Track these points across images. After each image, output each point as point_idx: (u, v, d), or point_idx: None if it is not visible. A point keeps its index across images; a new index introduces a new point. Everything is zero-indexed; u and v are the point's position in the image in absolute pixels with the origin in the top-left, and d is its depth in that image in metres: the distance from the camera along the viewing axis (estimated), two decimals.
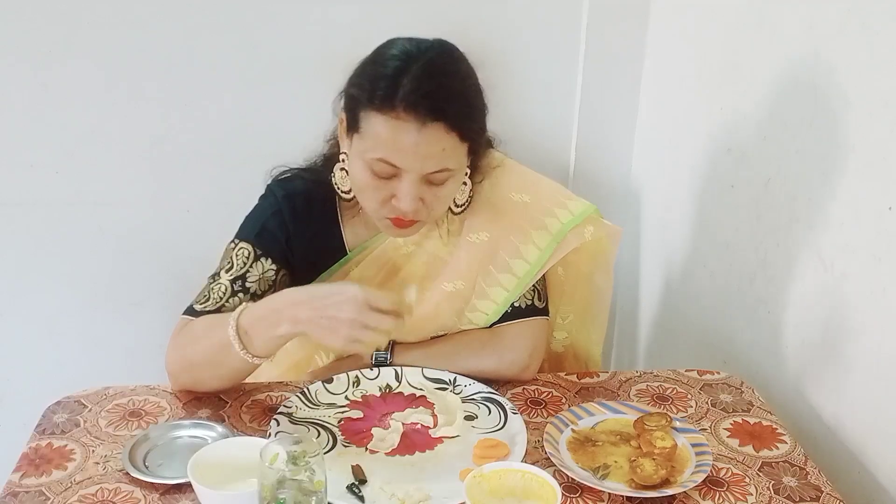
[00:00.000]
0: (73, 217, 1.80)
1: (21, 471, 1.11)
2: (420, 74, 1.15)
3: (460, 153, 1.21)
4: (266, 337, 1.17)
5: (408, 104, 1.13)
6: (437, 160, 1.17)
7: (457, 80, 1.19)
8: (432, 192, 1.21)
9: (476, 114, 1.22)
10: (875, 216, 1.17)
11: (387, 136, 1.16)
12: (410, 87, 1.14)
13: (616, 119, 1.89)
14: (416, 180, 1.18)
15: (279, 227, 1.32)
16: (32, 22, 1.64)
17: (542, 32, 1.80)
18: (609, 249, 1.43)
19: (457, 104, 1.17)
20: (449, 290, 1.34)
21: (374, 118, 1.16)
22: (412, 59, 1.16)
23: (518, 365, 1.34)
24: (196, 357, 1.24)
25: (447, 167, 1.19)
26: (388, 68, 1.16)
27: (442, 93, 1.16)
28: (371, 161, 1.18)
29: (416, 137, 1.15)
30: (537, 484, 1.01)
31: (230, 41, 1.71)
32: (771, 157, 1.41)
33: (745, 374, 1.45)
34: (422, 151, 1.16)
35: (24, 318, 1.87)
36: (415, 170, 1.17)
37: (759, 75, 1.44)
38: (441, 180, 1.21)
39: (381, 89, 1.15)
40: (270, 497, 0.93)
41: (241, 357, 1.18)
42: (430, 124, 1.14)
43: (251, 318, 1.18)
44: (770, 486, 1.12)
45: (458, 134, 1.17)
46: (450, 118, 1.15)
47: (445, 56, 1.21)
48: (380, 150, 1.17)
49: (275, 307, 1.18)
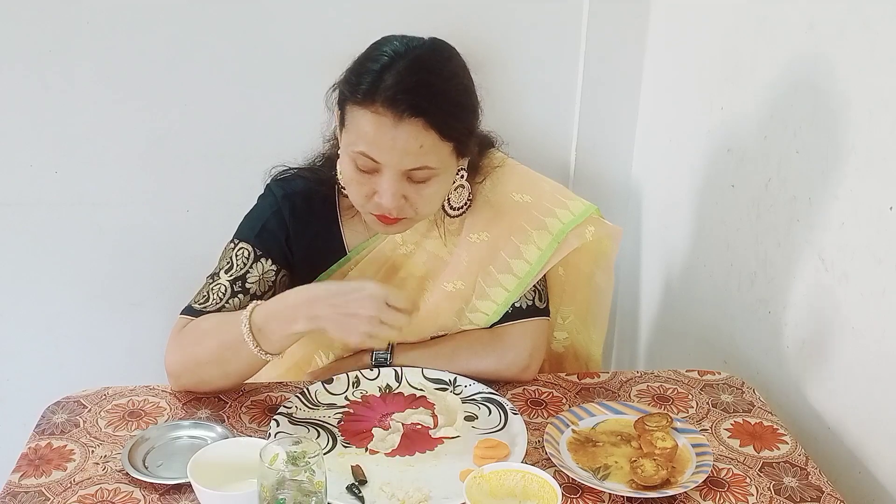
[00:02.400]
0: (72, 217, 1.80)
1: (20, 471, 1.11)
2: (402, 70, 1.16)
3: (442, 152, 1.20)
4: (281, 333, 1.19)
5: (386, 98, 1.14)
6: (414, 157, 1.17)
7: (441, 77, 1.19)
8: (415, 189, 1.21)
9: (461, 113, 1.22)
10: (875, 216, 1.17)
11: (366, 129, 1.17)
12: (391, 82, 1.15)
13: (616, 119, 1.89)
14: (395, 176, 1.19)
15: (279, 227, 1.33)
16: (32, 22, 1.64)
17: (542, 32, 1.80)
18: (610, 250, 1.43)
19: (438, 102, 1.17)
20: (449, 290, 1.34)
21: (356, 112, 1.18)
22: (399, 56, 1.17)
23: (518, 365, 1.34)
24: (203, 355, 1.24)
25: (427, 165, 1.19)
26: (375, 63, 1.18)
27: (422, 90, 1.16)
28: (354, 155, 1.20)
29: (393, 132, 1.15)
30: (537, 484, 1.01)
31: (230, 41, 1.71)
32: (771, 157, 1.41)
33: (745, 374, 1.45)
34: (399, 146, 1.16)
35: (24, 318, 1.87)
36: (392, 165, 1.18)
37: (759, 75, 1.44)
38: (423, 178, 1.21)
39: (364, 84, 1.17)
40: (270, 497, 0.93)
41: (254, 354, 1.19)
42: (408, 119, 1.15)
43: (265, 315, 1.19)
44: (771, 487, 1.12)
45: (438, 132, 1.17)
46: (429, 115, 1.15)
47: (434, 54, 1.21)
48: (361, 143, 1.18)
49: (291, 303, 1.19)
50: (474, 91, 1.25)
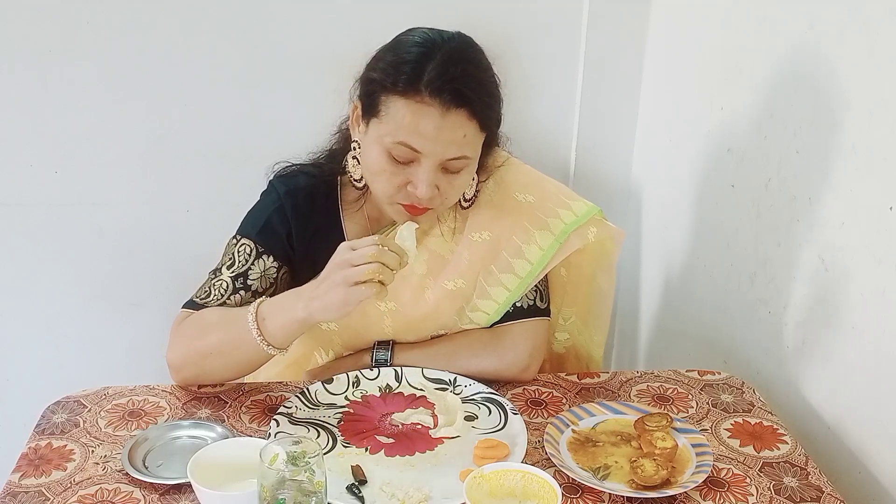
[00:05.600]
0: (72, 217, 1.80)
1: (20, 471, 1.11)
2: (445, 60, 1.16)
3: (478, 142, 1.23)
4: (282, 321, 1.19)
5: (433, 89, 1.15)
6: (457, 146, 1.19)
7: (479, 69, 1.21)
8: (447, 179, 1.22)
9: (495, 104, 1.24)
10: (875, 216, 1.17)
11: (410, 120, 1.16)
12: (436, 73, 1.15)
13: (616, 119, 1.89)
14: (433, 166, 1.19)
15: (281, 224, 1.33)
16: (32, 22, 1.64)
17: (543, 32, 1.80)
18: (612, 251, 1.43)
19: (479, 92, 1.18)
20: (450, 288, 1.34)
21: (396, 102, 1.17)
22: (436, 46, 1.18)
23: (518, 365, 1.34)
24: (207, 348, 1.24)
25: (465, 154, 1.21)
26: (411, 54, 1.18)
27: (466, 80, 1.17)
28: (391, 145, 1.19)
29: (440, 122, 1.16)
30: (537, 484, 1.01)
31: (230, 41, 1.71)
32: (771, 157, 1.41)
33: (745, 374, 1.45)
34: (444, 137, 1.17)
35: (24, 318, 1.87)
36: (435, 155, 1.18)
37: (759, 75, 1.44)
38: (457, 168, 1.22)
39: (405, 73, 1.16)
40: (270, 497, 0.93)
41: (258, 346, 1.19)
42: (454, 110, 1.16)
43: (269, 307, 1.20)
44: (771, 487, 1.12)
45: (479, 122, 1.19)
46: (473, 105, 1.17)
47: (467, 46, 1.23)
48: (401, 133, 1.18)
49: (293, 294, 1.20)
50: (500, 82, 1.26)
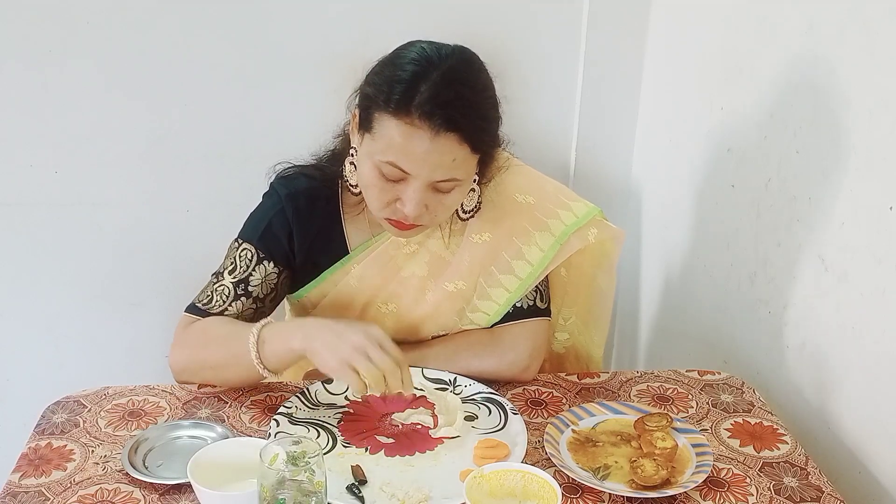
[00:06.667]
0: (72, 217, 1.80)
1: (20, 471, 1.11)
2: (438, 82, 1.13)
3: (470, 164, 1.20)
4: (279, 348, 1.20)
5: (423, 112, 1.12)
6: (446, 169, 1.17)
7: (475, 91, 1.18)
8: (437, 198, 1.21)
9: (491, 126, 1.22)
10: (875, 216, 1.17)
11: (399, 140, 1.15)
12: (428, 95, 1.12)
13: (616, 119, 1.89)
14: (422, 187, 1.18)
15: (282, 228, 1.33)
16: (32, 22, 1.64)
17: (543, 32, 1.80)
18: (612, 251, 1.43)
19: (472, 116, 1.16)
20: (450, 289, 1.34)
21: (387, 121, 1.15)
22: (432, 66, 1.15)
23: (518, 365, 1.34)
24: (209, 360, 1.26)
25: (455, 177, 1.19)
26: (406, 72, 1.15)
27: (458, 104, 1.14)
28: (380, 163, 1.18)
29: (429, 146, 1.14)
30: (537, 484, 1.01)
31: (230, 41, 1.71)
32: (771, 157, 1.41)
33: (745, 374, 1.45)
34: (432, 160, 1.15)
35: (24, 318, 1.87)
36: (423, 177, 1.17)
37: (759, 75, 1.44)
38: (447, 189, 1.20)
39: (397, 93, 1.14)
40: (270, 497, 0.93)
41: (253, 366, 1.21)
42: (444, 134, 1.13)
43: (270, 331, 1.21)
44: (771, 487, 1.12)
45: (470, 146, 1.17)
46: (464, 130, 1.14)
47: (465, 65, 1.19)
48: (390, 153, 1.16)
49: (296, 324, 1.23)
50: (499, 101, 1.23)
